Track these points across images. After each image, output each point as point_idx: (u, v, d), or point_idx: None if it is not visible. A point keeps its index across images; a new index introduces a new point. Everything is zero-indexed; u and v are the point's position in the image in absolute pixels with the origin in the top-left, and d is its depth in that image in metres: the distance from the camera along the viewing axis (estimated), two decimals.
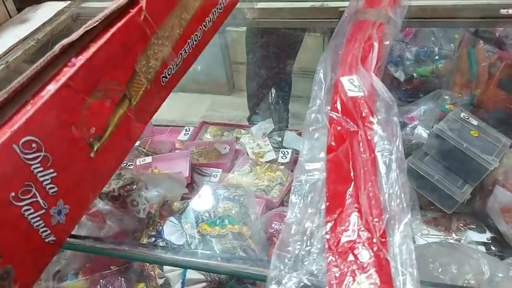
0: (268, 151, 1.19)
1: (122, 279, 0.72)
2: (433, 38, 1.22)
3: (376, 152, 0.52)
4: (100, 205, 0.77)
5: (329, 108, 0.63)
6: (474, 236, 0.86)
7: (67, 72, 0.41)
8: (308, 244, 0.48)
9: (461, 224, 0.89)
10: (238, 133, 1.35)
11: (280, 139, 1.27)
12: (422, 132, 0.86)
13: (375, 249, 0.43)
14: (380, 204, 0.49)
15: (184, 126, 1.40)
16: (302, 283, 0.44)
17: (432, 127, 0.90)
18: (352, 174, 0.51)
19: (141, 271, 0.75)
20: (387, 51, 0.76)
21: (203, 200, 0.79)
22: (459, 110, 0.96)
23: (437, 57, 1.18)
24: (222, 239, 0.73)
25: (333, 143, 0.57)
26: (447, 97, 1.00)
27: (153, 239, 0.76)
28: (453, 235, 0.87)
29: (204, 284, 0.71)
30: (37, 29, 0.92)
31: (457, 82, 1.06)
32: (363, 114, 0.59)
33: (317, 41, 1.46)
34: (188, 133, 1.37)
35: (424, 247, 0.73)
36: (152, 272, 0.74)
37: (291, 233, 0.50)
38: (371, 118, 0.58)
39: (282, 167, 1.12)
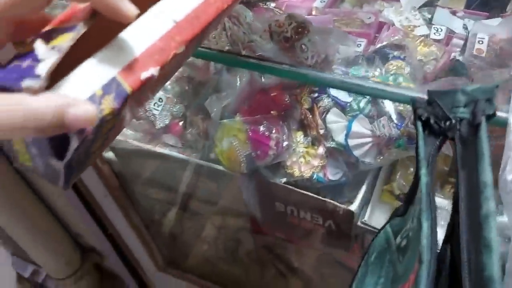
0: (418, 26, 1.08)
1: (284, 123, 0.72)
2: None
3: None
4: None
5: None
6: None
7: None
8: None
9: None
10: (380, 6, 1.23)
11: (430, 16, 1.14)
12: None
13: None
14: None
15: None
16: None
17: None
18: None
19: (302, 119, 0.73)
20: None
21: (370, 55, 0.74)
22: None
23: None
24: None
25: None
26: None
27: (316, 94, 0.73)
28: None
29: (370, 139, 0.69)
30: None
31: None
32: None
33: None
34: (324, 2, 1.27)
35: None
36: (313, 121, 0.72)
37: None
38: None
39: (436, 42, 1.01)
